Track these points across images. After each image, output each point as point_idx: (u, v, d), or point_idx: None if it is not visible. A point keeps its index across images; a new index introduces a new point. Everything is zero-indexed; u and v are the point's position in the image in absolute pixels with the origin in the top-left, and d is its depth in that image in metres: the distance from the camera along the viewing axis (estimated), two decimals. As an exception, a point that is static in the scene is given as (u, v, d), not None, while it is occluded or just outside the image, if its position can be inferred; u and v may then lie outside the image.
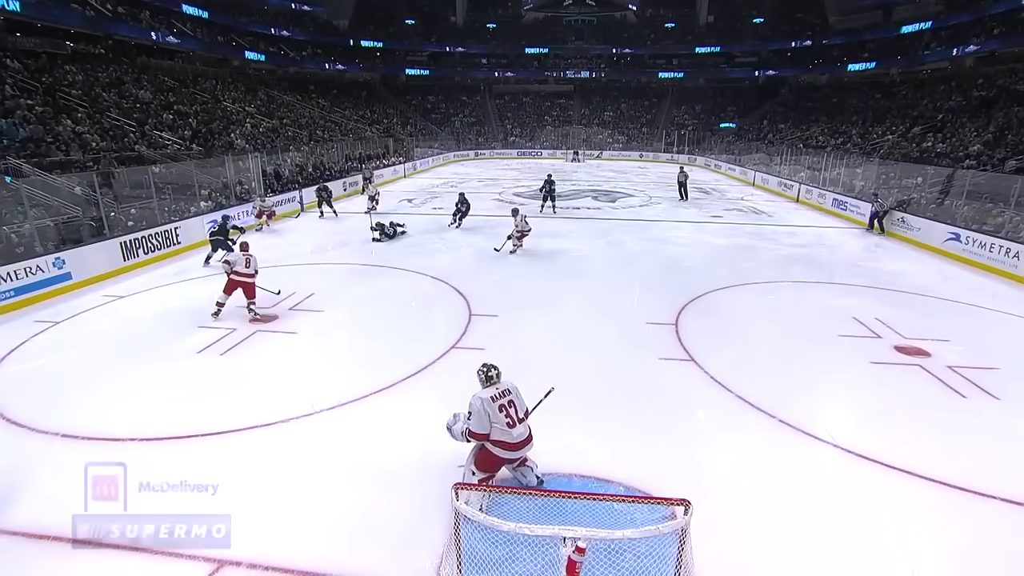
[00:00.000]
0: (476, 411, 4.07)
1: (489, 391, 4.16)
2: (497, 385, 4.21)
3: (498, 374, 4.27)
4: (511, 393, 4.20)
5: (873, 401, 6.22)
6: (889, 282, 10.89)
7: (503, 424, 4.04)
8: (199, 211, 14.29)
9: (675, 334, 8.01)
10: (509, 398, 4.15)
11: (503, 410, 4.07)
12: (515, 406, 4.15)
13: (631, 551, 3.54)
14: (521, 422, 4.13)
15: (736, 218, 18.37)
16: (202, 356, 7.18)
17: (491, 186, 26.38)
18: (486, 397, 4.10)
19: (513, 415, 4.10)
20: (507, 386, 4.25)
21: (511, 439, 4.05)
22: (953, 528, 4.27)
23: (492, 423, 4.03)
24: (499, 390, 4.17)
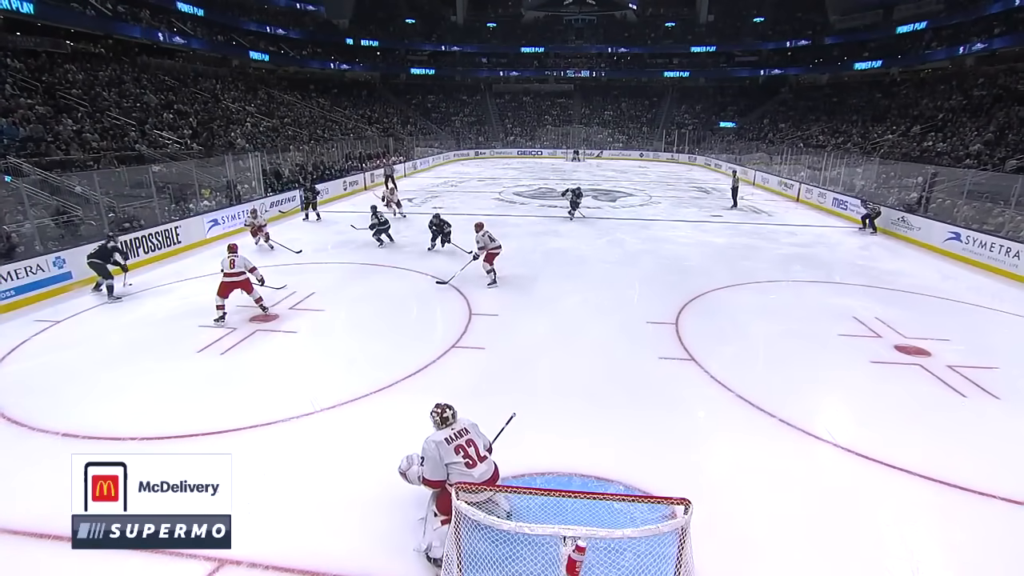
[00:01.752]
0: (429, 457, 3.77)
1: (444, 432, 3.83)
2: (453, 425, 3.88)
3: (453, 414, 3.93)
4: (468, 432, 3.88)
5: (873, 400, 6.23)
6: (889, 281, 10.89)
7: (461, 465, 3.73)
8: (199, 211, 14.30)
9: (675, 333, 8.01)
10: (467, 437, 3.84)
11: (460, 451, 3.76)
12: (474, 445, 3.83)
13: (631, 550, 3.54)
14: (483, 460, 3.81)
15: (736, 217, 18.36)
16: (202, 355, 7.18)
17: (491, 185, 26.38)
18: (440, 440, 3.77)
19: (472, 454, 3.78)
20: (464, 425, 3.92)
21: (473, 479, 3.70)
22: (953, 527, 4.27)
23: (449, 466, 3.74)
24: (455, 431, 3.85)
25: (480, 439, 3.92)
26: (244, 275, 8.28)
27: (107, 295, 9.21)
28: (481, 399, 6.07)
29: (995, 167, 18.24)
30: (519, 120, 50.23)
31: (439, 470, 3.73)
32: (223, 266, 8.24)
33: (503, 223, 16.64)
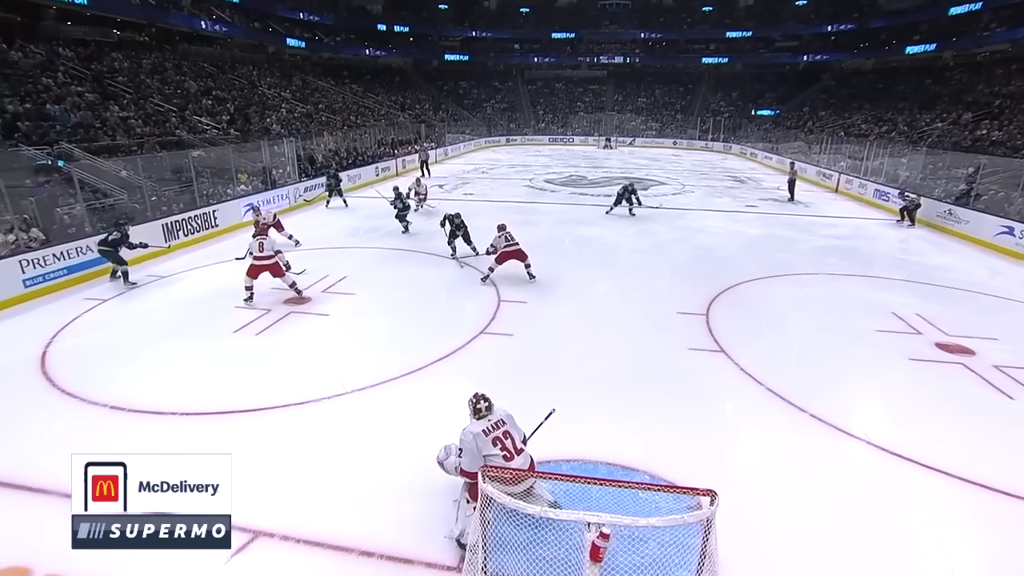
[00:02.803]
0: (467, 448, 3.78)
1: (480, 424, 3.83)
2: (489, 417, 3.87)
3: (488, 406, 3.93)
4: (505, 424, 3.86)
5: (911, 399, 6.04)
6: (933, 277, 10.48)
7: (499, 458, 3.72)
8: (236, 195, 14.69)
9: (705, 324, 7.90)
10: (503, 429, 3.82)
11: (497, 443, 3.75)
12: (511, 437, 3.81)
13: (655, 539, 3.55)
14: (519, 453, 3.79)
15: (771, 208, 17.90)
16: (239, 336, 7.43)
17: (522, 172, 26.30)
18: (477, 431, 3.78)
19: (510, 447, 3.76)
20: (500, 416, 3.90)
21: None
22: (992, 533, 4.13)
23: (486, 458, 3.73)
24: (491, 422, 3.83)
25: (516, 431, 3.88)
26: (273, 259, 8.50)
27: (123, 282, 9.34)
28: (509, 385, 6.12)
29: (1054, 157, 17.27)
30: (551, 107, 49.79)
31: (477, 461, 3.72)
32: (251, 248, 8.54)
33: (533, 210, 16.63)
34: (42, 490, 4.36)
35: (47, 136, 13.72)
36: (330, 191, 16.87)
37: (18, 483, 4.45)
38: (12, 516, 4.12)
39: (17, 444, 5.03)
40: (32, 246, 9.20)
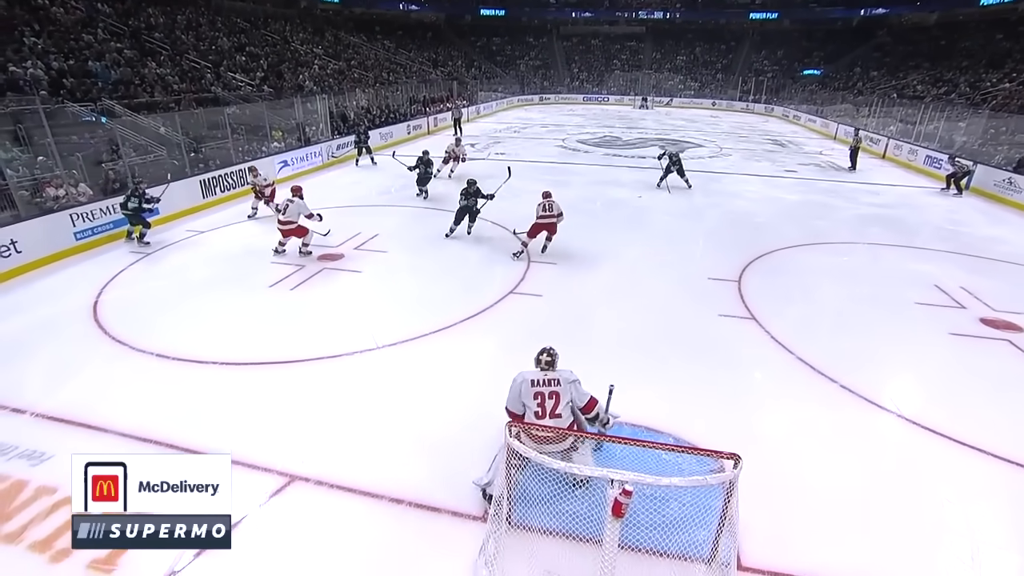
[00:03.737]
0: (513, 388, 3.86)
1: (535, 374, 3.84)
2: (547, 372, 3.83)
3: (549, 362, 3.86)
4: (557, 385, 3.76)
5: (948, 374, 5.88)
6: (983, 249, 10.00)
7: (532, 411, 3.75)
8: (271, 151, 14.86)
9: (737, 291, 7.78)
10: (552, 389, 3.75)
11: (538, 397, 3.74)
12: (555, 398, 3.73)
13: (677, 500, 3.63)
14: (554, 416, 3.73)
15: (812, 173, 17.20)
16: (274, 290, 7.65)
17: (554, 132, 25.78)
18: (527, 378, 3.81)
19: (548, 407, 3.73)
20: (557, 376, 3.80)
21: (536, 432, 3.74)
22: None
23: (525, 405, 3.79)
24: (545, 377, 3.80)
25: (568, 396, 3.77)
26: (294, 225, 8.57)
27: (137, 242, 9.36)
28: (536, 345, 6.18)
29: None
30: (586, 64, 48.19)
31: (517, 404, 3.81)
32: (280, 207, 8.71)
33: (565, 171, 16.38)
34: (102, 429, 4.68)
35: (90, 93, 14.01)
36: (359, 149, 16.93)
37: (81, 422, 4.78)
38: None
39: (78, 386, 5.37)
40: (80, 200, 9.56)
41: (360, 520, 3.83)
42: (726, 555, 3.29)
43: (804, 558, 3.56)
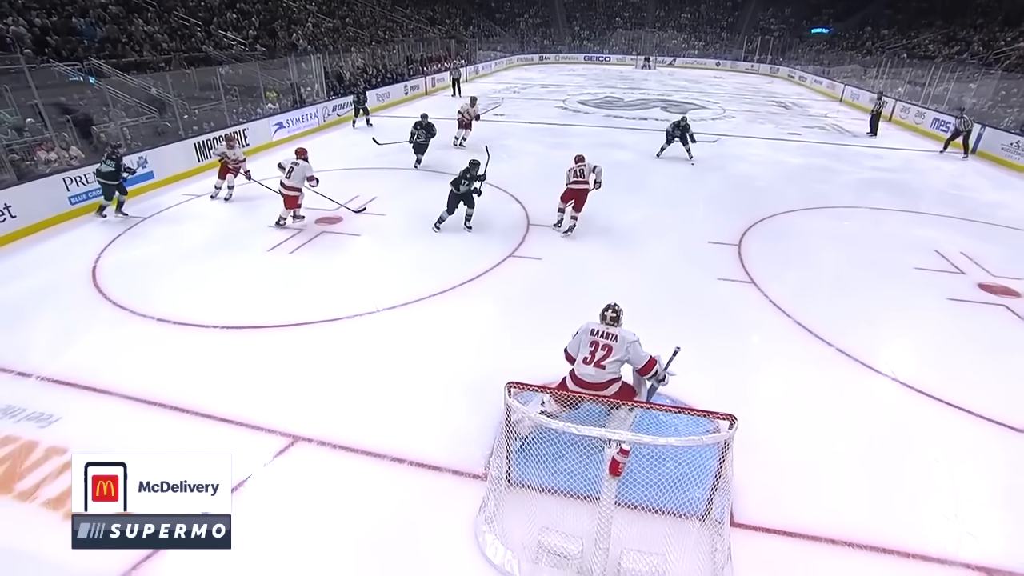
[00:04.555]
0: (577, 333, 4.08)
1: (598, 324, 4.04)
2: (608, 327, 4.00)
3: (612, 318, 4.03)
4: (614, 340, 3.93)
5: (944, 339, 5.93)
6: (985, 214, 9.94)
7: (583, 356, 3.97)
8: (265, 113, 14.56)
9: (737, 255, 7.77)
10: (607, 342, 3.93)
11: (593, 345, 3.95)
12: (607, 349, 3.91)
13: (673, 459, 3.71)
14: (599, 367, 3.90)
15: (816, 136, 16.94)
16: (272, 254, 7.63)
17: (555, 93, 25.23)
18: (589, 328, 4.03)
19: (596, 356, 3.92)
20: (616, 332, 3.96)
21: (578, 372, 3.98)
22: (1010, 472, 4.17)
23: (580, 350, 4.00)
24: (605, 330, 3.98)
25: (621, 352, 3.90)
26: (297, 192, 8.25)
27: (115, 212, 8.83)
28: (536, 308, 6.25)
29: None
30: (587, 23, 46.74)
31: (575, 348, 4.04)
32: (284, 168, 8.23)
33: (565, 132, 16.11)
34: (107, 392, 4.74)
35: (76, 51, 13.60)
36: (356, 110, 16.58)
37: (87, 385, 4.83)
38: (83, 415, 4.52)
39: (81, 351, 5.40)
40: (73, 164, 9.41)
41: (362, 479, 3.92)
42: (720, 513, 3.39)
43: (795, 516, 3.66)
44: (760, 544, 3.45)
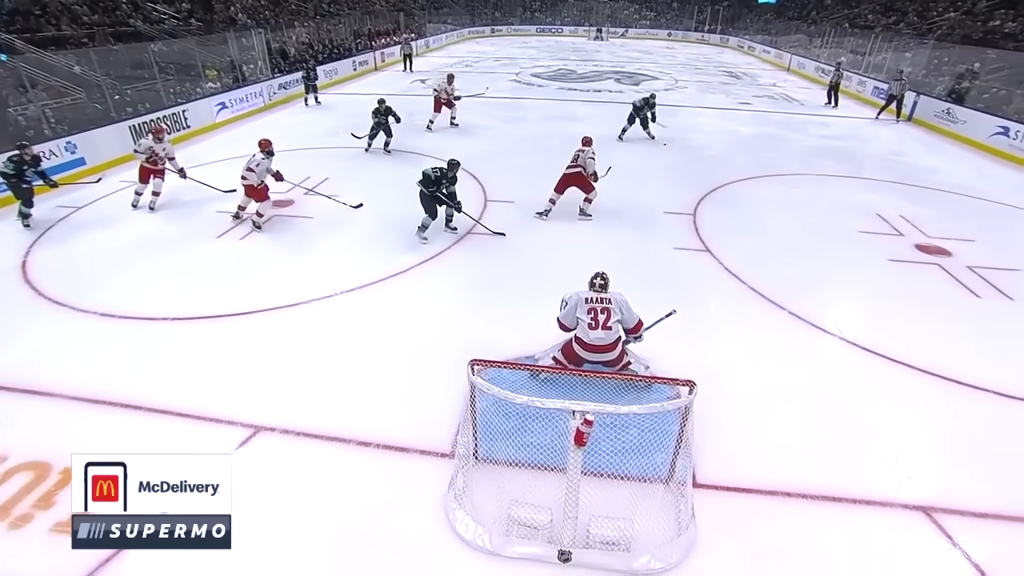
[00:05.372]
0: (570, 304, 4.27)
1: (589, 293, 4.28)
2: (600, 293, 4.27)
3: (602, 284, 4.30)
4: (609, 303, 4.23)
5: (885, 298, 6.25)
6: (921, 179, 10.46)
7: (586, 323, 4.17)
8: (206, 92, 13.80)
9: (692, 224, 7.95)
10: (603, 306, 4.21)
11: (592, 311, 4.18)
12: (607, 312, 4.19)
13: (636, 426, 3.80)
14: (605, 328, 4.16)
15: (765, 105, 17.34)
16: (222, 241, 7.33)
17: (508, 66, 24.86)
18: (583, 296, 4.26)
19: (599, 320, 4.17)
20: (610, 296, 4.27)
21: (587, 339, 4.17)
22: (942, 419, 4.46)
23: (578, 319, 4.21)
24: (598, 296, 4.25)
25: (618, 313, 4.23)
26: (262, 186, 7.41)
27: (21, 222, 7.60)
28: (496, 284, 6.26)
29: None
30: (539, -7, 45.96)
31: (570, 318, 4.26)
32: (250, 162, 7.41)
33: (519, 107, 15.95)
34: (48, 393, 4.49)
35: (-19, 25, 12.48)
36: (307, 88, 15.96)
37: (26, 388, 4.56)
38: (24, 419, 4.27)
39: (19, 352, 5.08)
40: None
41: (329, 466, 3.87)
42: (682, 475, 3.51)
43: (753, 473, 3.83)
44: (721, 502, 3.60)
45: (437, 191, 6.99)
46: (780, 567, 3.21)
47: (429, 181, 6.93)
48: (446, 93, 12.78)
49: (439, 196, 7.04)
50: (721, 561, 3.22)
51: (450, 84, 12.87)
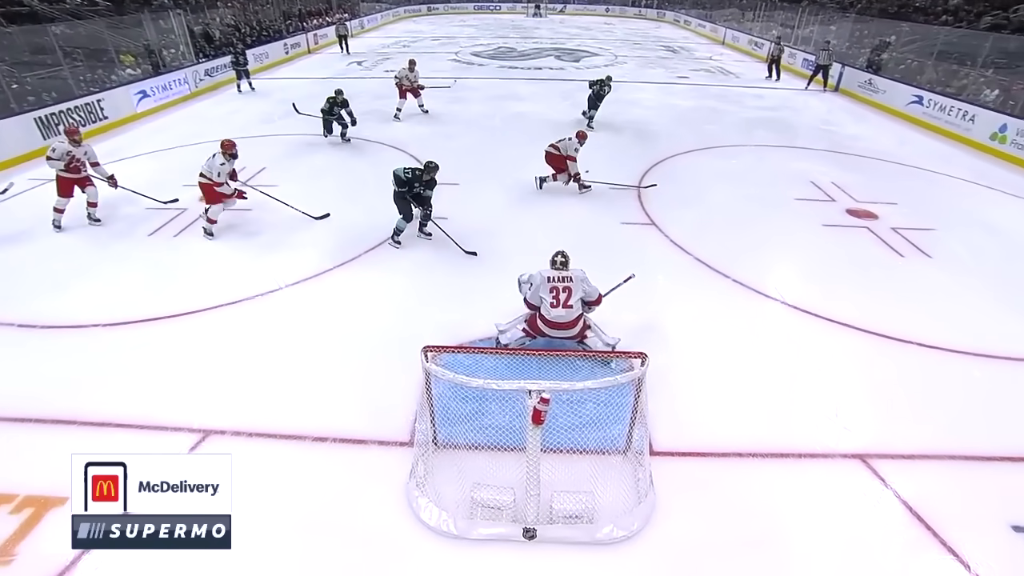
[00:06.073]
0: (534, 284, 4.47)
1: (552, 272, 4.47)
2: (561, 271, 4.47)
3: (563, 262, 4.51)
4: (570, 281, 4.43)
5: (821, 261, 6.58)
6: (848, 146, 11.01)
7: (548, 301, 4.39)
8: (123, 80, 12.82)
9: (637, 199, 8.08)
10: (565, 284, 4.42)
11: (553, 290, 4.40)
12: (568, 291, 4.40)
13: (592, 400, 3.86)
14: (566, 307, 4.40)
15: (703, 79, 17.74)
16: (154, 239, 6.90)
17: (447, 45, 24.33)
18: (545, 276, 4.45)
19: (560, 299, 4.39)
20: (572, 274, 4.46)
21: (549, 316, 4.40)
22: (875, 371, 4.76)
23: (542, 298, 4.41)
24: (560, 275, 4.45)
25: (580, 291, 4.46)
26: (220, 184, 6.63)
27: None
28: (445, 268, 6.19)
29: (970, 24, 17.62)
30: (475, -31, 45.00)
31: (535, 297, 4.48)
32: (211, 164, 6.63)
33: (460, 86, 15.64)
34: (-41, 412, 4.12)
35: None
36: (238, 73, 15.08)
37: (-71, 407, 4.17)
38: (-69, 440, 3.91)
39: (-83, 368, 4.63)
40: None
41: (285, 465, 3.75)
42: (639, 445, 3.60)
43: (706, 436, 3.98)
44: (677, 467, 3.73)
45: (408, 192, 6.52)
46: (736, 524, 3.36)
47: (400, 182, 6.43)
48: (408, 80, 12.09)
49: (412, 198, 6.56)
50: (680, 523, 3.34)
51: (412, 70, 12.12)
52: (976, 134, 11.29)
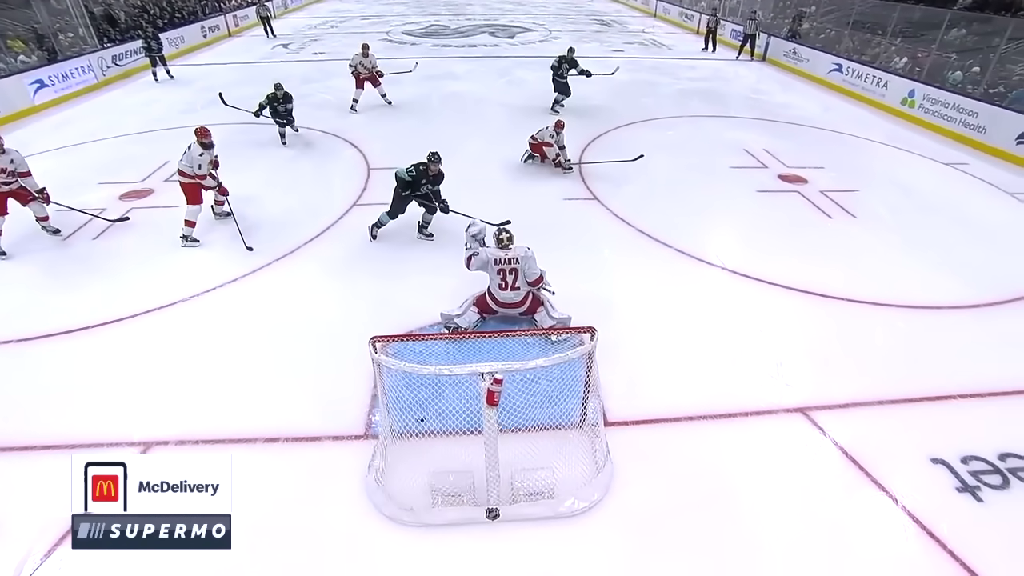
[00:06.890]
0: (484, 259, 4.59)
1: (498, 253, 4.58)
2: (508, 250, 4.59)
3: (509, 238, 4.64)
4: (517, 263, 4.55)
5: (757, 226, 6.86)
6: (777, 114, 11.44)
7: (497, 283, 4.59)
8: (15, 68, 11.65)
9: (579, 174, 8.13)
10: (511, 267, 4.56)
11: (500, 272, 4.57)
12: (515, 273, 4.57)
13: (545, 377, 3.90)
14: (514, 289, 4.59)
15: (637, 52, 17.92)
16: (71, 242, 6.39)
17: (377, 24, 23.47)
18: (493, 256, 4.57)
19: (508, 281, 4.59)
20: (517, 255, 4.57)
21: (500, 298, 4.63)
22: (811, 327, 5.04)
23: (489, 276, 4.60)
24: (507, 256, 4.56)
25: (526, 273, 4.60)
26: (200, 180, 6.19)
27: None
28: (388, 254, 6.06)
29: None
30: (402, -57, 43.39)
31: (481, 267, 4.61)
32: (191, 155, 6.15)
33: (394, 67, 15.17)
34: None
35: None
36: (153, 60, 13.92)
37: None
38: None
39: None
40: None
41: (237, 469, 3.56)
42: (594, 417, 3.67)
43: (658, 403, 4.10)
44: (632, 436, 3.82)
45: (413, 193, 6.05)
46: (689, 485, 3.49)
47: (405, 184, 5.95)
48: (364, 67, 10.96)
49: (417, 198, 6.09)
50: (638, 490, 3.43)
51: (366, 55, 10.91)
52: (889, 99, 11.98)
